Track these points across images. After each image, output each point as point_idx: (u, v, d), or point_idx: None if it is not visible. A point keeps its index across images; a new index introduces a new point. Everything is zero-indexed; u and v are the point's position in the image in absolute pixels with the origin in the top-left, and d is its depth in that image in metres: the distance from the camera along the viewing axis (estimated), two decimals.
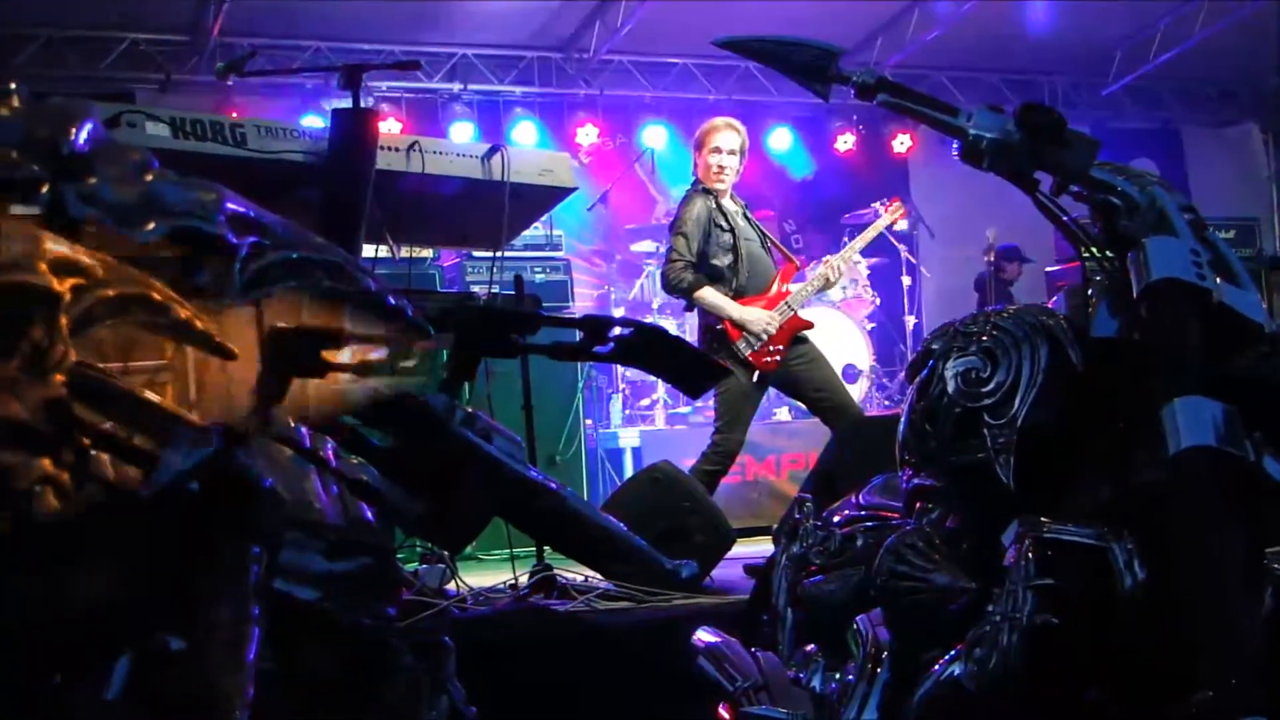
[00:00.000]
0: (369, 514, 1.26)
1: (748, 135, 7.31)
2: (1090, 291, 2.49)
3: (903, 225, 10.13)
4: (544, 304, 5.32)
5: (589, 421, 8.98)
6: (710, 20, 11.87)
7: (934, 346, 2.59)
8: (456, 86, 12.23)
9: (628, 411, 10.49)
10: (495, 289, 6.66)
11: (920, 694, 2.43)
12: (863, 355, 10.78)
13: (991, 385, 2.43)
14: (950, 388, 2.48)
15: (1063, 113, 2.38)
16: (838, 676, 2.76)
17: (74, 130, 1.24)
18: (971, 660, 2.27)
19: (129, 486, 1.19)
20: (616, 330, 1.56)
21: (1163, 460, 2.14)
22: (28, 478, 1.19)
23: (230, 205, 1.27)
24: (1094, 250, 2.45)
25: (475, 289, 7.80)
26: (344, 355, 1.41)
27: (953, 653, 2.35)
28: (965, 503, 2.52)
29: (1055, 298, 2.63)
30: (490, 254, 7.52)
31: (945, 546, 2.49)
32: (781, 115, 12.79)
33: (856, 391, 10.15)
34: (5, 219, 1.21)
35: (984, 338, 2.48)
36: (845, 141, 13.38)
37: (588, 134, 12.40)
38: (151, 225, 1.21)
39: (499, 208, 5.31)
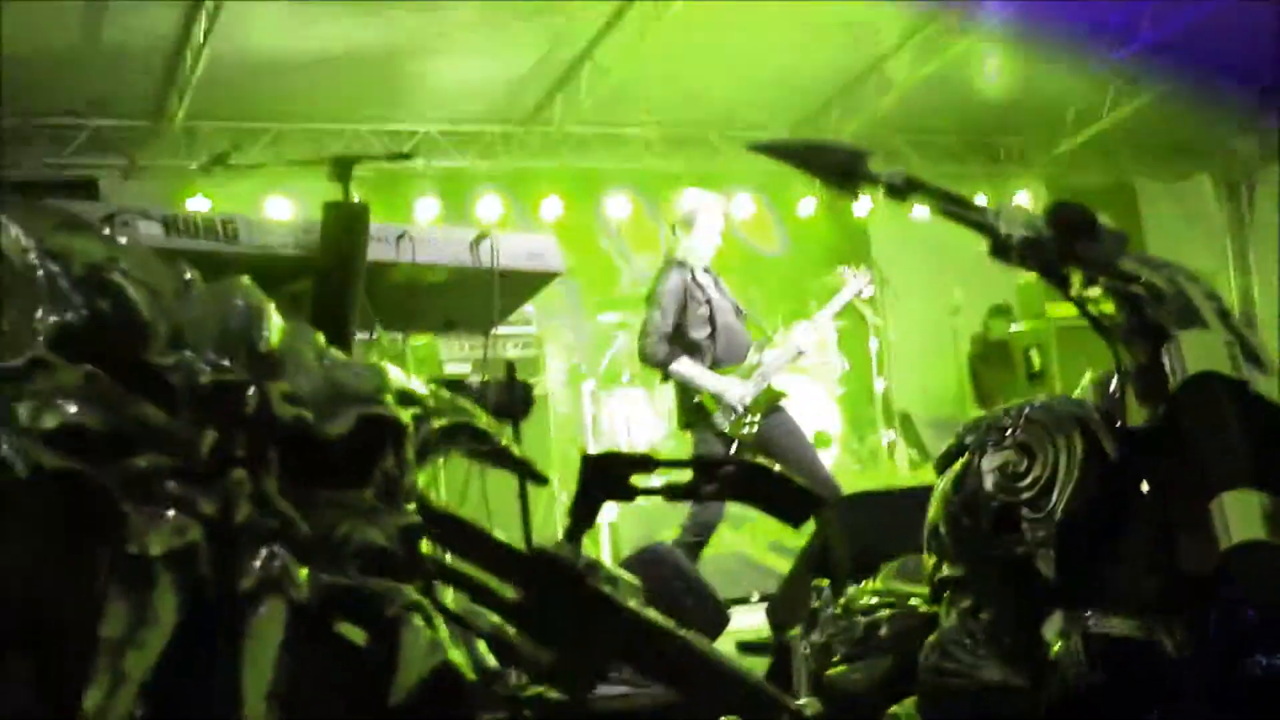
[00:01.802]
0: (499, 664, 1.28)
1: None
2: (1121, 381, 2.51)
3: (872, 290, 10.21)
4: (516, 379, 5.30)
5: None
6: (672, 91, 12.01)
7: (967, 440, 2.61)
8: (420, 163, 12.24)
9: None
10: (485, 376, 6.66)
11: None
12: (833, 422, 10.83)
13: (1029, 479, 2.45)
14: (987, 483, 2.50)
15: (1092, 211, 2.42)
16: None
17: (264, 325, 1.25)
18: None
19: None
20: (724, 470, 1.58)
21: (1209, 552, 2.16)
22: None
23: (393, 381, 1.28)
24: (1125, 341, 2.48)
25: (454, 369, 7.81)
26: (653, 481, 1.46)
27: None
28: (1004, 595, 2.53)
29: (1082, 383, 2.66)
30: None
31: (988, 641, 2.50)
32: (744, 183, 12.86)
33: (828, 457, 10.18)
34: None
35: (1018, 431, 2.50)
36: (807, 207, 13.47)
37: (551, 206, 12.43)
38: (342, 416, 1.23)
39: (487, 293, 5.31)
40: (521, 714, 1.25)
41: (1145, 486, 2.39)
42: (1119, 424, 2.47)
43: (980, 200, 2.64)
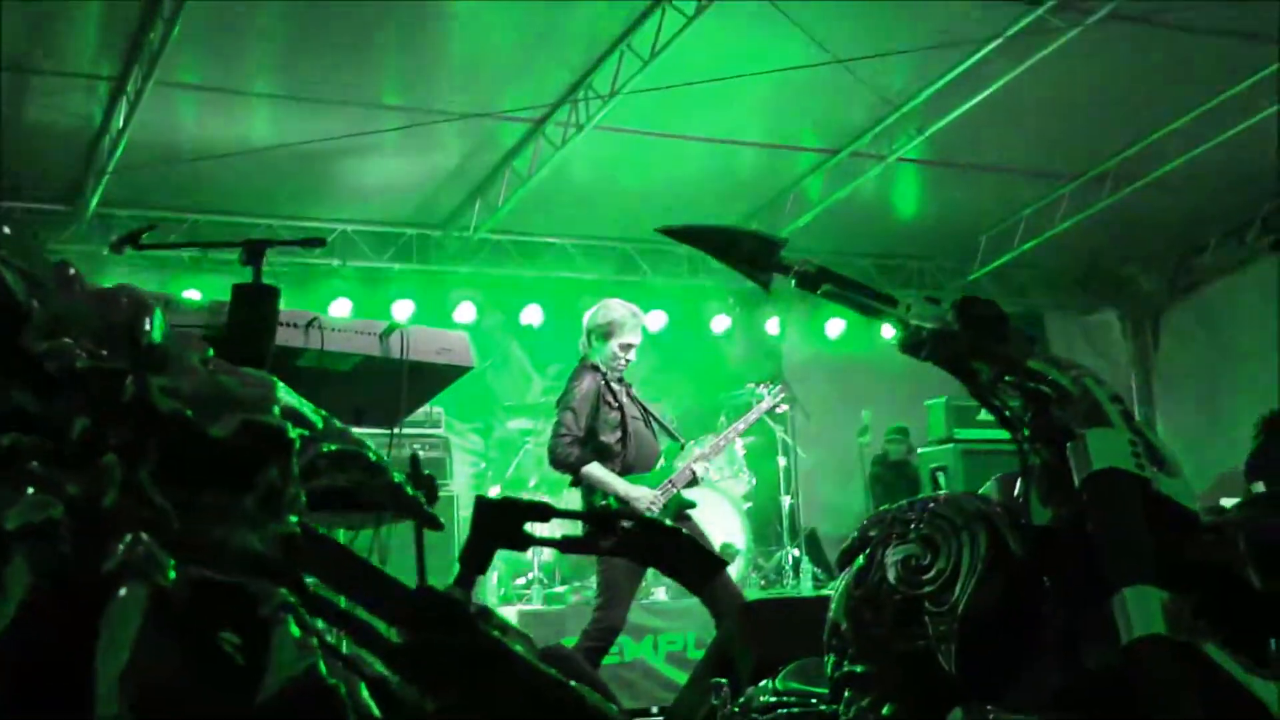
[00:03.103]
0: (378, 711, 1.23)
1: None
2: (1025, 479, 2.52)
3: (784, 408, 10.26)
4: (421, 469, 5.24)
5: None
6: (590, 202, 12.11)
7: (871, 533, 2.60)
8: (336, 262, 12.20)
9: (503, 590, 10.35)
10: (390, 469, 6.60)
11: None
12: (739, 535, 10.80)
13: (932, 573, 2.44)
14: (890, 575, 2.48)
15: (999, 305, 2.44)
16: None
17: (147, 320, 1.22)
18: None
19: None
20: (624, 524, 1.54)
21: (1111, 647, 2.16)
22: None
23: (282, 396, 1.25)
24: (1030, 439, 2.49)
25: None
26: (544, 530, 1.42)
27: None
28: (905, 690, 2.51)
29: (987, 484, 2.66)
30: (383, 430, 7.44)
31: None
32: (658, 296, 12.91)
33: (733, 571, 10.13)
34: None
35: (922, 525, 2.50)
36: (720, 323, 13.55)
37: (466, 311, 12.40)
38: (225, 419, 1.19)
39: (396, 385, 5.26)
40: None
41: (1048, 584, 2.39)
42: (1023, 521, 2.47)
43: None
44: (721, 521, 10.44)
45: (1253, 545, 2.29)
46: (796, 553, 11.42)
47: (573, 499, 9.74)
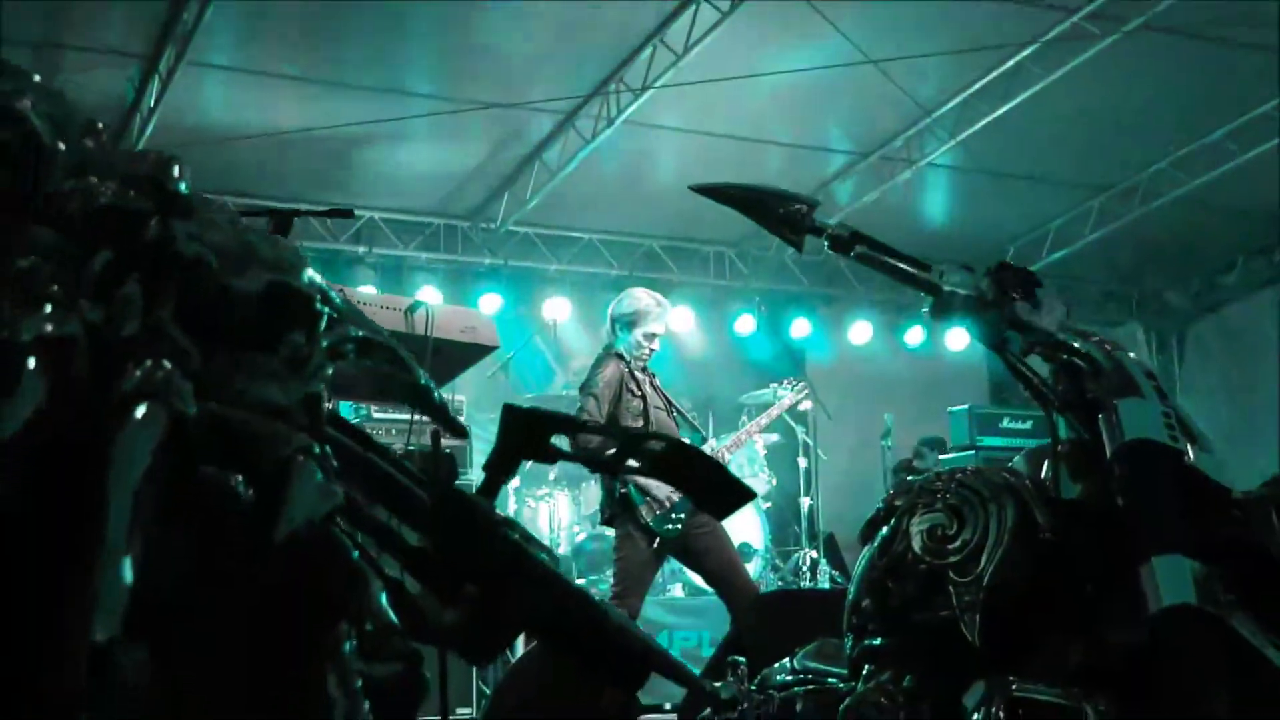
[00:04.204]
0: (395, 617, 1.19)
1: None
2: (1054, 452, 2.48)
3: (806, 406, 10.20)
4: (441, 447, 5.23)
5: None
6: (618, 197, 12.09)
7: (897, 503, 2.57)
8: (361, 249, 12.21)
9: None
10: (411, 446, 6.58)
11: None
12: (757, 535, 10.76)
13: (958, 543, 2.40)
14: (916, 544, 2.45)
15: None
16: None
17: (175, 169, 1.20)
18: None
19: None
20: (651, 444, 1.52)
21: (1137, 620, 2.12)
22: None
23: (310, 269, 1.23)
24: (1060, 411, 2.46)
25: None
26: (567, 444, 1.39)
27: None
28: (927, 663, 2.48)
29: (1015, 458, 2.63)
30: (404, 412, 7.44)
31: (908, 705, 2.44)
32: (684, 295, 12.87)
33: (750, 570, 10.09)
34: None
35: (949, 495, 2.46)
36: (745, 324, 13.50)
37: (490, 303, 12.38)
38: (251, 274, 1.17)
39: (420, 363, 5.23)
40: (418, 669, 1.17)
41: (1075, 558, 2.35)
42: (1051, 495, 2.44)
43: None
44: (740, 520, 10.38)
45: None
46: (814, 554, 11.37)
47: (594, 492, 9.76)
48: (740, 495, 1.51)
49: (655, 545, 6.88)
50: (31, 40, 8.92)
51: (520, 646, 6.30)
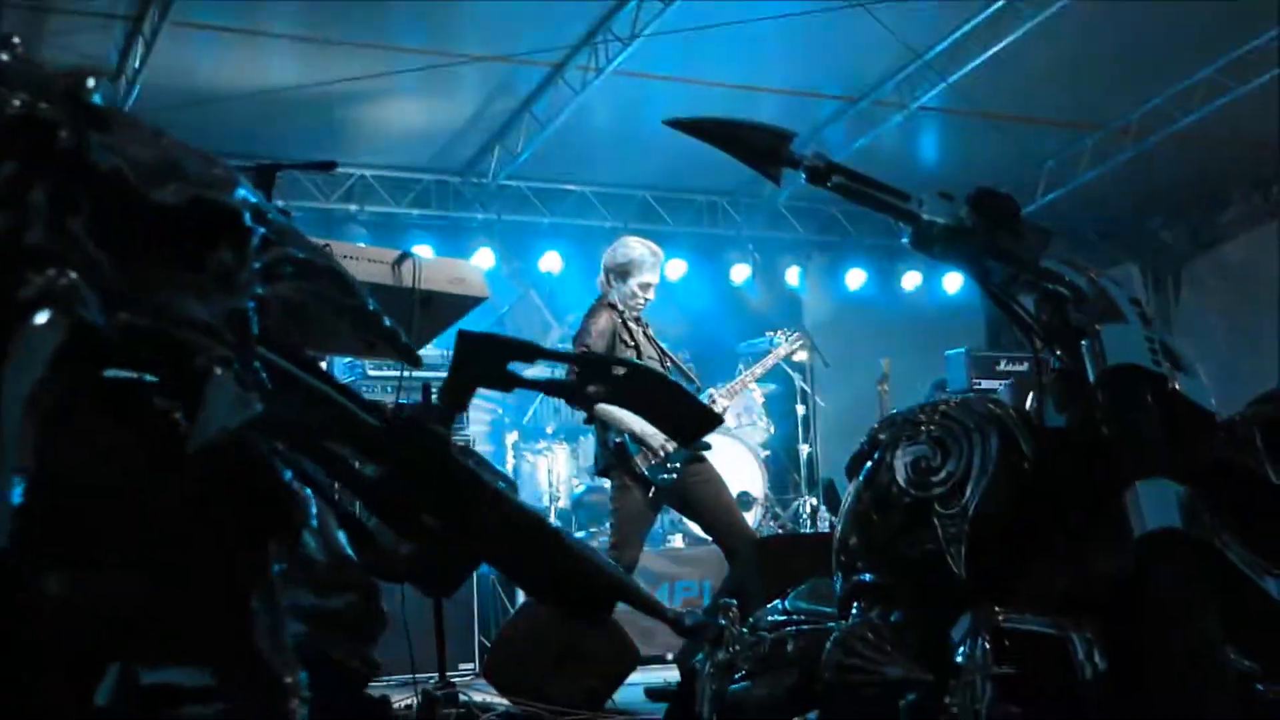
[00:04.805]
0: (351, 550, 1.17)
1: None
2: (1038, 381, 2.46)
3: (803, 356, 10.17)
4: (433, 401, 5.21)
5: None
6: (610, 148, 12.03)
7: (881, 436, 2.55)
8: (353, 207, 12.16)
9: None
10: (401, 400, 6.56)
11: None
12: (757, 483, 10.76)
13: (942, 475, 2.39)
14: (900, 477, 2.43)
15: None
16: None
17: (92, 83, 1.17)
18: None
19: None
20: (614, 370, 1.49)
21: (1123, 547, 2.11)
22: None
23: (242, 188, 1.20)
24: (1044, 340, 2.44)
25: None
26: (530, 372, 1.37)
27: None
28: (913, 596, 2.47)
29: (1000, 387, 2.61)
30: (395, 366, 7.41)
31: (895, 639, 2.42)
32: (678, 245, 12.81)
33: (750, 519, 10.09)
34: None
35: (933, 427, 2.44)
36: (740, 272, 13.45)
37: (484, 258, 12.34)
38: (173, 188, 1.14)
39: (407, 315, 5.20)
40: (375, 600, 1.15)
41: (1059, 486, 2.34)
42: (1035, 424, 2.42)
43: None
44: (739, 469, 10.39)
45: (1269, 440, 2.24)
46: (814, 502, 11.37)
47: (591, 445, 9.74)
48: (707, 419, 1.48)
49: (651, 495, 6.85)
50: (14, 1, 8.84)
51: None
